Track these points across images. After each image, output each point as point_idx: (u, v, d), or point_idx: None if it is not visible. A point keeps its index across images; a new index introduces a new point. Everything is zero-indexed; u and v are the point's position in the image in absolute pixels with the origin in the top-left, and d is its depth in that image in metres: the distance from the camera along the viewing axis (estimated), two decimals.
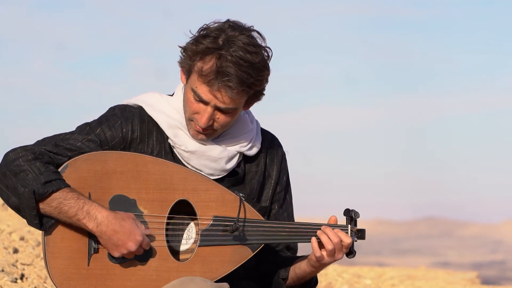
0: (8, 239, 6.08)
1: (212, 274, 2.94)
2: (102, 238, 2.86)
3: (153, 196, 2.92)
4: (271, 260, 3.14)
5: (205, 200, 2.95)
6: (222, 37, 2.90)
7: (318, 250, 2.98)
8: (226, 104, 2.92)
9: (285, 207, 3.19)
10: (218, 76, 2.88)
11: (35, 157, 2.85)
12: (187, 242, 2.98)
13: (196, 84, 2.93)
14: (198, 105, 2.95)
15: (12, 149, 2.89)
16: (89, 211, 2.83)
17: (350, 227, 3.04)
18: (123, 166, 2.92)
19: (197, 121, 2.96)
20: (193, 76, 2.94)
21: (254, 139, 3.10)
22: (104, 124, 2.99)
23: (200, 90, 2.92)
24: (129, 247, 2.85)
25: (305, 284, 3.14)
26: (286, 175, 3.20)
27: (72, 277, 2.87)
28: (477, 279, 10.84)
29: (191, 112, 2.97)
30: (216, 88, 2.89)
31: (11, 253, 5.74)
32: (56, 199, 2.83)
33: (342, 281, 8.34)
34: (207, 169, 3.02)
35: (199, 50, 2.91)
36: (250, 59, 2.89)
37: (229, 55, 2.88)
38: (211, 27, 2.94)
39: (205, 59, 2.91)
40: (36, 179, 2.81)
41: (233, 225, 2.93)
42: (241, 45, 2.88)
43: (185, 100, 2.99)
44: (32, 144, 2.92)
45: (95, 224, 2.83)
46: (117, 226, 2.84)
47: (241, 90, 2.90)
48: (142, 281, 2.89)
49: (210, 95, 2.91)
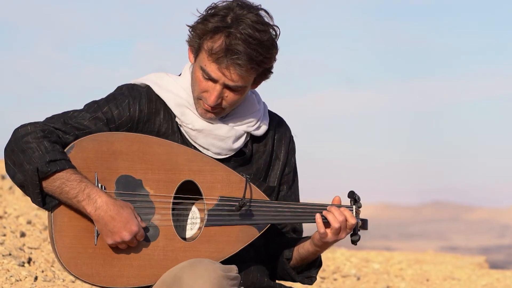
0: (15, 223, 6.06)
1: (219, 254, 2.94)
2: (98, 223, 2.85)
3: (159, 177, 2.92)
4: (277, 242, 3.15)
5: (210, 181, 2.95)
6: (231, 15, 2.91)
7: (323, 227, 2.98)
8: (235, 82, 2.92)
9: (294, 188, 3.20)
10: (227, 53, 2.88)
11: (43, 135, 2.85)
12: (193, 221, 2.98)
13: (205, 62, 2.93)
14: (207, 83, 2.95)
15: (21, 125, 2.89)
16: (90, 194, 2.83)
17: (355, 208, 3.05)
18: (129, 146, 2.92)
19: (205, 100, 2.96)
20: (202, 55, 2.94)
21: (261, 119, 3.10)
22: (112, 102, 2.98)
23: (209, 68, 2.92)
24: (123, 236, 2.84)
25: (309, 265, 3.15)
26: (293, 156, 3.21)
27: (79, 256, 2.86)
28: (485, 263, 10.81)
29: (199, 91, 2.97)
30: (225, 65, 2.90)
31: (18, 237, 5.72)
32: (59, 179, 2.82)
33: (350, 265, 8.33)
34: (214, 147, 3.02)
35: (208, 29, 2.91)
36: (258, 37, 2.89)
37: (238, 33, 2.88)
38: (219, 6, 2.94)
39: (214, 38, 2.91)
40: (42, 157, 2.81)
41: (240, 201, 2.93)
42: (249, 23, 2.89)
43: (194, 79, 2.99)
44: (42, 121, 2.92)
45: (94, 207, 2.82)
46: (115, 213, 2.83)
47: (250, 68, 2.91)
48: (149, 261, 2.89)
49: (219, 72, 2.92)
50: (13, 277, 4.87)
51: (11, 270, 4.98)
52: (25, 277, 4.95)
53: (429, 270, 9.24)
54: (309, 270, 3.16)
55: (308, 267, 3.15)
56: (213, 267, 2.80)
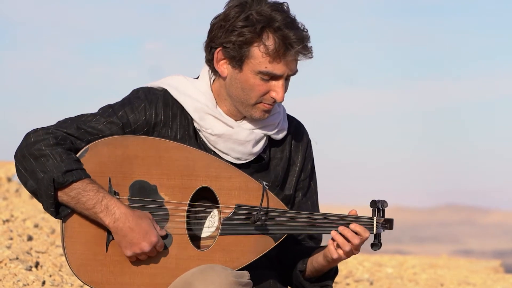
0: (22, 226, 6.04)
1: (233, 264, 2.89)
2: (117, 235, 2.82)
3: (174, 183, 2.87)
4: (292, 250, 3.10)
5: (228, 188, 2.90)
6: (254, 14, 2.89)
7: (335, 252, 2.94)
8: (295, 69, 2.94)
9: (309, 195, 3.15)
10: (287, 46, 2.88)
11: (57, 142, 2.81)
12: (209, 229, 2.93)
13: (264, 65, 2.90)
14: (268, 84, 2.92)
15: (33, 129, 2.84)
16: (108, 206, 2.79)
17: (376, 219, 2.98)
18: (145, 151, 2.87)
19: (270, 99, 2.93)
20: (253, 61, 2.90)
21: (281, 123, 3.06)
22: (127, 106, 2.93)
23: (272, 68, 2.90)
24: (143, 247, 2.81)
25: (325, 275, 3.10)
26: (311, 162, 3.16)
27: (89, 263, 2.83)
28: (500, 267, 10.74)
29: (259, 95, 2.93)
30: (290, 58, 2.90)
31: (25, 240, 5.70)
32: (75, 189, 2.79)
33: (363, 270, 8.27)
34: (234, 152, 2.98)
35: (249, 35, 2.88)
36: (289, 13, 2.92)
37: (277, 24, 2.88)
38: (231, 12, 2.91)
39: (261, 39, 2.89)
40: (57, 166, 2.77)
41: (255, 215, 2.88)
42: (274, 6, 2.90)
43: (245, 88, 2.93)
44: (54, 125, 2.87)
45: (112, 219, 2.79)
46: (134, 224, 2.80)
47: (310, 46, 2.92)
48: (160, 269, 2.85)
49: (284, 67, 2.91)
50: (20, 282, 4.84)
51: (19, 274, 4.96)
52: (33, 282, 4.92)
53: (443, 274, 9.18)
54: (324, 281, 3.11)
55: (324, 277, 3.10)
56: (225, 273, 2.76)
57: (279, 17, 2.89)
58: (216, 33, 2.92)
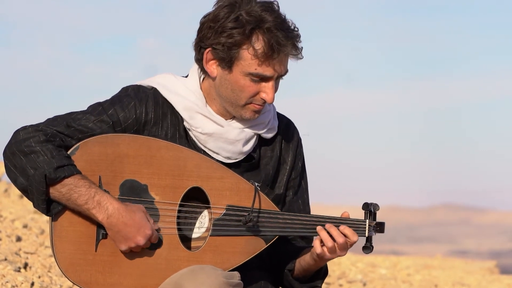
0: (10, 227, 6.01)
1: (224, 265, 2.88)
2: (111, 230, 2.81)
3: (165, 182, 2.85)
4: (282, 250, 3.09)
5: (219, 189, 2.89)
6: (243, 15, 2.85)
7: (319, 247, 2.93)
8: (285, 70, 2.92)
9: (300, 194, 3.14)
10: (276, 48, 2.85)
11: (46, 139, 2.79)
12: (199, 230, 2.92)
13: (253, 66, 2.87)
14: (258, 85, 2.90)
15: (22, 127, 2.82)
16: (100, 202, 2.78)
17: (368, 221, 2.97)
18: (136, 150, 2.85)
19: (260, 100, 2.91)
20: (243, 62, 2.88)
21: (271, 121, 3.04)
22: (117, 104, 2.91)
23: (261, 70, 2.87)
24: (138, 241, 2.80)
25: (314, 275, 3.09)
26: (301, 160, 3.14)
27: (78, 263, 2.81)
28: (495, 268, 10.74)
29: (249, 96, 2.91)
30: (279, 59, 2.87)
31: (14, 241, 5.67)
32: (66, 185, 2.77)
33: (356, 271, 8.25)
34: (224, 151, 2.96)
35: (239, 37, 2.85)
36: (280, 14, 2.88)
37: (267, 25, 2.85)
38: (221, 13, 2.87)
39: (250, 40, 2.86)
40: (48, 163, 2.75)
41: (247, 216, 2.87)
42: (264, 7, 2.87)
43: (235, 89, 2.91)
44: (43, 123, 2.85)
45: (106, 215, 2.78)
46: (128, 219, 2.79)
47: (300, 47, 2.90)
48: (150, 270, 2.83)
49: (273, 69, 2.88)
50: (9, 283, 4.82)
51: (7, 275, 4.93)
52: (22, 283, 4.90)
53: (437, 275, 9.16)
54: (314, 281, 3.10)
55: (313, 277, 3.09)
56: (215, 274, 2.75)
57: (269, 17, 2.86)
58: (205, 33, 2.90)
